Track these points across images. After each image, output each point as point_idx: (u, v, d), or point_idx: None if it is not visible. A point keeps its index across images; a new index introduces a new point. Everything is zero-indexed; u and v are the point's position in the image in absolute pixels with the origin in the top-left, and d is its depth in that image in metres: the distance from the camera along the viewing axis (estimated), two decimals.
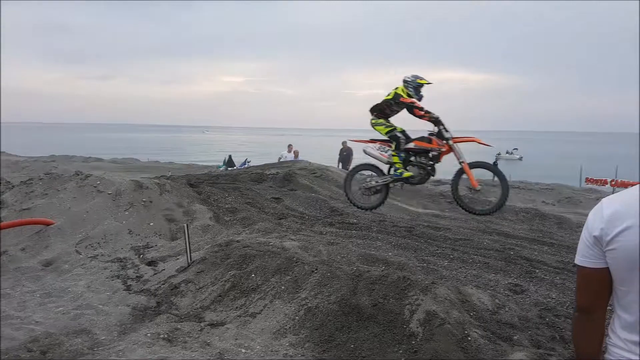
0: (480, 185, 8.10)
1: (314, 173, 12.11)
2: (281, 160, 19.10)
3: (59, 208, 7.78)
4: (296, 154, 20.40)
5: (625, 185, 24.79)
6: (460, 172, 8.01)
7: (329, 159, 24.02)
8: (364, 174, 8.69)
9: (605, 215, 1.77)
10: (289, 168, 12.39)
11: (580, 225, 9.80)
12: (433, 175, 8.33)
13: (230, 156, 28.78)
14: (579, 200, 19.30)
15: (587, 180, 27.83)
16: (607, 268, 1.79)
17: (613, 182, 25.91)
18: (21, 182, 9.22)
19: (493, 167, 8.19)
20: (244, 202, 9.22)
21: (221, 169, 24.89)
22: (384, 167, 8.42)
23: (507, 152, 73.56)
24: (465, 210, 8.37)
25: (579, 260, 1.88)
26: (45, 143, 77.56)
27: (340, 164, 19.83)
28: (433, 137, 7.95)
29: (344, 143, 20.81)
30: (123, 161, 37.15)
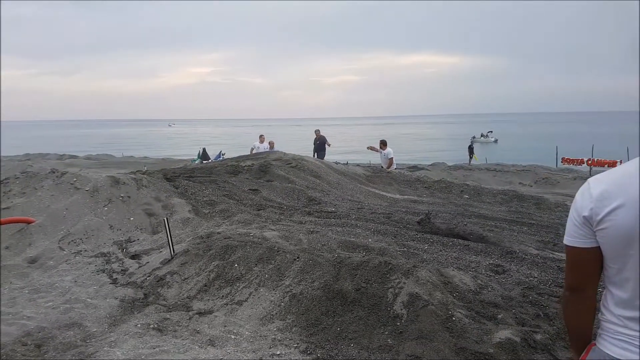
0: None
1: (290, 163, 12.13)
2: (254, 151, 19.02)
3: (38, 206, 7.74)
4: (271, 144, 20.31)
5: (601, 164, 24.91)
6: None
7: (302, 148, 24.03)
8: None
9: (594, 195, 1.78)
10: (264, 159, 12.39)
11: (558, 205, 10.03)
12: None
13: (204, 149, 28.62)
14: (556, 181, 19.56)
15: (564, 160, 27.97)
16: (597, 247, 1.81)
17: (589, 162, 25.99)
18: None
19: None
20: (222, 195, 9.24)
21: (196, 162, 24.78)
22: None
23: (482, 135, 74.28)
24: None
25: (568, 240, 1.89)
26: (16, 141, 76.54)
27: (315, 154, 19.78)
28: None
29: (316, 132, 20.77)
30: (97, 157, 36.79)
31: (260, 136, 21.19)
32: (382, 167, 16.18)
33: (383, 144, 16.43)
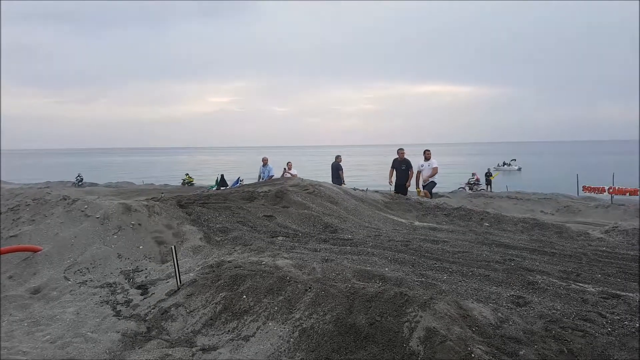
0: None
1: (307, 189, 11.93)
2: (261, 175, 20.91)
3: (46, 234, 7.60)
4: (265, 161, 21.36)
5: (622, 192, 24.90)
6: None
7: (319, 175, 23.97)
8: None
9: None
10: (281, 185, 12.23)
11: (581, 234, 9.66)
12: None
13: (222, 175, 28.65)
14: (578, 209, 19.36)
15: (585, 188, 27.87)
16: None
17: (611, 190, 25.97)
18: (8, 208, 9.03)
19: None
20: (236, 221, 9.05)
21: (213, 189, 24.72)
22: None
23: (504, 164, 73.31)
24: None
25: None
26: (36, 169, 77.68)
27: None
28: None
29: (337, 157, 20.69)
30: (117, 185, 37.07)
31: (263, 158, 21.45)
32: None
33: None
